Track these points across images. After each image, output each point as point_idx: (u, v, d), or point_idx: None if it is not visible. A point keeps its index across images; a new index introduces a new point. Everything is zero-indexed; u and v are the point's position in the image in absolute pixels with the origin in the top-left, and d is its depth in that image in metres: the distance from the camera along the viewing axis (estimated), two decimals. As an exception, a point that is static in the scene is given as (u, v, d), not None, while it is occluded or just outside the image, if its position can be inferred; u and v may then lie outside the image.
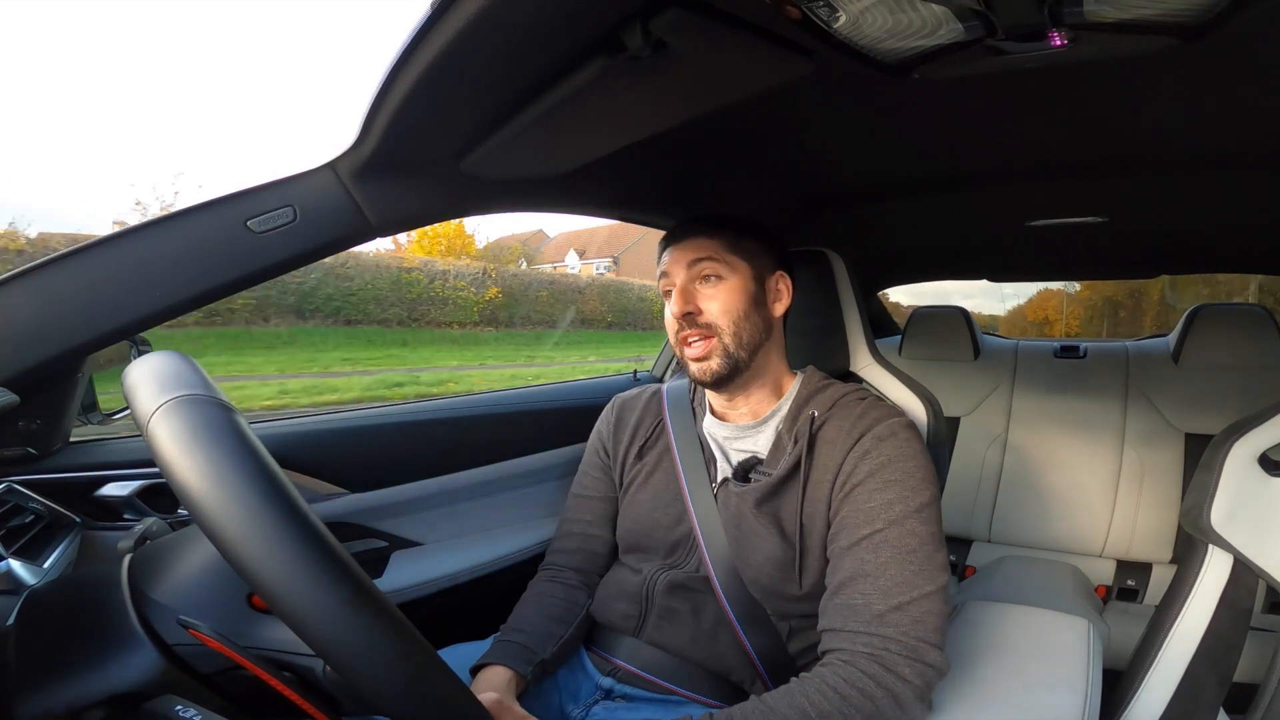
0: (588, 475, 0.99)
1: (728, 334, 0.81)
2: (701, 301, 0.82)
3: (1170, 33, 0.55)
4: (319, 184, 0.78)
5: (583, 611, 0.90)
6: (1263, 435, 0.82)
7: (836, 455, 0.77)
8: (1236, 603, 0.81)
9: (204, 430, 0.42)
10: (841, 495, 0.75)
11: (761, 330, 0.84)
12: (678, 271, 0.83)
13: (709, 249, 0.83)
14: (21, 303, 0.69)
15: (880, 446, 0.75)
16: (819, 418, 0.80)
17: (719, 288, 0.82)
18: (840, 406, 0.81)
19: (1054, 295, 14.92)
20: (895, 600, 0.67)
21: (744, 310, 0.82)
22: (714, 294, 0.82)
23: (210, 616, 0.59)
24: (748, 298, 0.83)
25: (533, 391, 1.56)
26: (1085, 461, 1.78)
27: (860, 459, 0.75)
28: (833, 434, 0.78)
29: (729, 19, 0.53)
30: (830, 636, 0.70)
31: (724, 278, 0.82)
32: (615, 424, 0.98)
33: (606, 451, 0.98)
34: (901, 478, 0.73)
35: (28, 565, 0.74)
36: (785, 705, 0.64)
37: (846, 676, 0.64)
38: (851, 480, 0.75)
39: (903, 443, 0.76)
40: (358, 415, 1.27)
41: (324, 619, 0.40)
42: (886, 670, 0.64)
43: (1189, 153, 0.94)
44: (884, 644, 0.66)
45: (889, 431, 0.76)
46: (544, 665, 0.81)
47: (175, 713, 0.54)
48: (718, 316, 0.81)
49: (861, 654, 0.66)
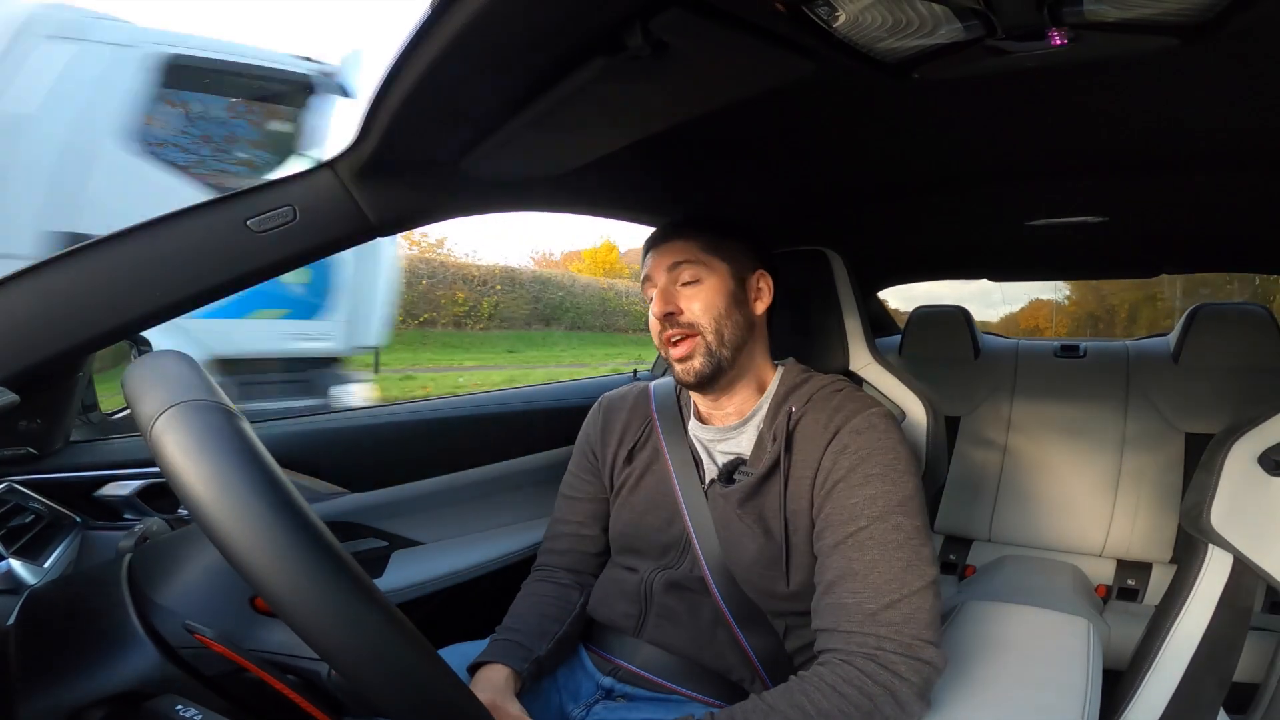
0: (575, 477, 0.99)
1: (710, 332, 0.82)
2: (682, 302, 0.83)
3: (1170, 33, 0.55)
4: (319, 184, 0.78)
5: (576, 609, 0.90)
6: (1263, 435, 0.82)
7: (814, 451, 0.77)
8: (1236, 603, 0.81)
9: (209, 438, 0.42)
10: (823, 493, 0.75)
11: (744, 328, 0.84)
12: (658, 274, 0.85)
13: (688, 251, 0.84)
14: (21, 303, 0.69)
15: (857, 440, 0.75)
16: (796, 413, 0.80)
17: (699, 288, 0.83)
18: (816, 400, 0.81)
19: (1045, 305, 15.57)
20: (887, 598, 0.67)
21: (724, 308, 0.83)
22: (694, 294, 0.83)
23: (214, 619, 0.59)
24: (728, 297, 0.84)
25: (533, 391, 1.57)
26: (1085, 461, 1.78)
27: (839, 454, 0.75)
28: (810, 428, 0.79)
29: (729, 19, 0.52)
30: (825, 636, 0.70)
31: (703, 279, 0.83)
32: (603, 427, 0.97)
33: (595, 454, 0.97)
34: (882, 471, 0.73)
35: (28, 565, 0.74)
36: (785, 704, 0.64)
37: (845, 675, 0.64)
38: (832, 477, 0.74)
39: (880, 434, 0.75)
40: (358, 415, 1.28)
41: (330, 626, 0.40)
42: (884, 669, 0.64)
43: (1189, 153, 0.94)
44: (879, 643, 0.65)
45: (865, 424, 0.76)
46: (540, 663, 0.82)
47: (176, 712, 0.54)
48: (699, 315, 0.82)
49: (858, 653, 0.66)
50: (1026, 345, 2.03)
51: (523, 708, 0.75)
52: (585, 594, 0.93)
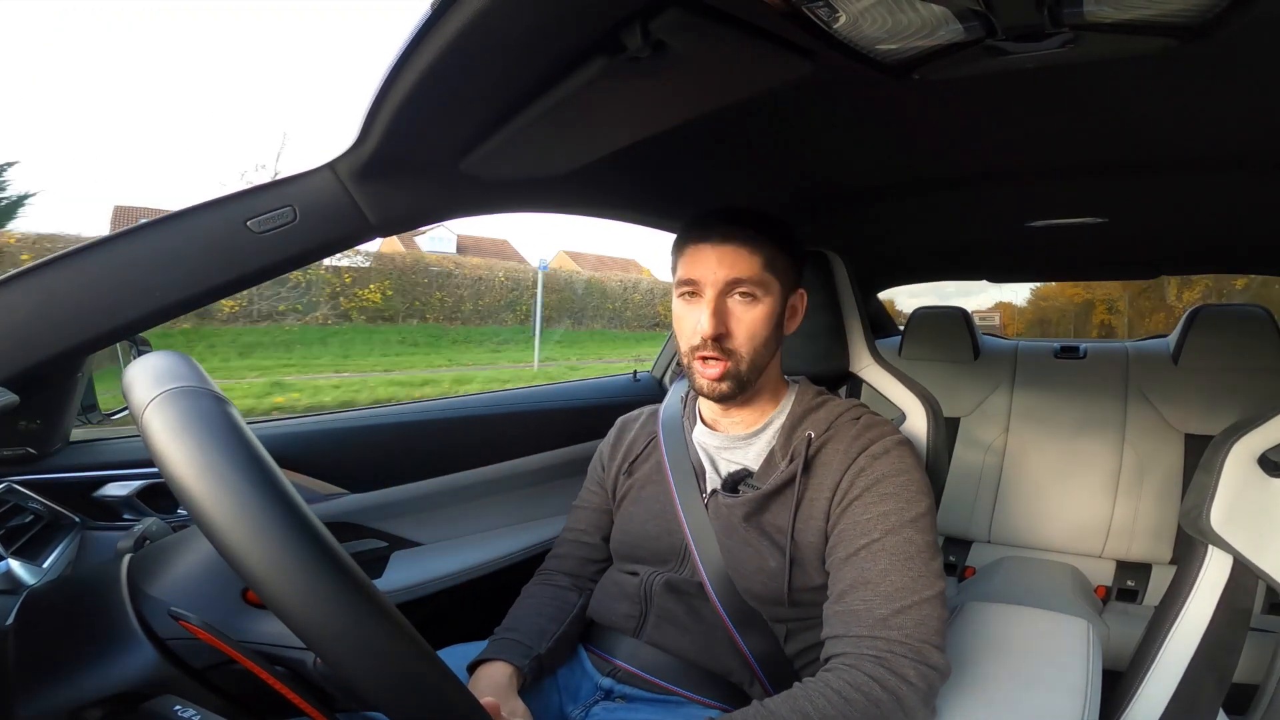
0: (586, 489, 1.01)
1: (745, 361, 0.80)
2: (731, 322, 0.79)
3: (1170, 33, 0.55)
4: (319, 184, 0.78)
5: (575, 610, 0.90)
6: (1263, 436, 0.82)
7: (833, 474, 0.78)
8: (1236, 603, 0.81)
9: (195, 419, 0.42)
10: (839, 510, 0.76)
11: (772, 349, 0.83)
12: (710, 282, 0.78)
13: (751, 267, 0.78)
14: (21, 303, 0.69)
15: (876, 463, 0.77)
16: (816, 439, 0.80)
17: (752, 309, 0.79)
18: (837, 428, 0.81)
19: (1007, 306, 16.24)
20: (897, 604, 0.68)
21: (765, 337, 0.81)
22: (743, 315, 0.79)
23: (204, 611, 0.59)
24: (773, 323, 0.81)
25: (532, 392, 1.57)
26: (1085, 462, 1.78)
27: (857, 475, 0.76)
28: (830, 455, 0.79)
29: (729, 19, 0.52)
30: (834, 643, 0.70)
31: (759, 300, 0.79)
32: (614, 441, 1.00)
33: (603, 467, 0.99)
34: (897, 490, 0.75)
35: (27, 565, 0.74)
36: (787, 709, 0.64)
37: (850, 680, 0.64)
38: (849, 496, 0.76)
39: (896, 459, 0.77)
40: (358, 415, 1.27)
41: (311, 605, 0.39)
42: (891, 673, 0.64)
43: (1189, 153, 0.94)
44: (888, 646, 0.66)
45: (883, 449, 0.78)
46: (541, 661, 0.82)
47: (174, 713, 0.54)
48: (742, 342, 0.79)
49: (866, 656, 0.66)
50: (1026, 346, 2.03)
51: (525, 707, 0.75)
52: (584, 597, 0.93)
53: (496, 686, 0.76)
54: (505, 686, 0.77)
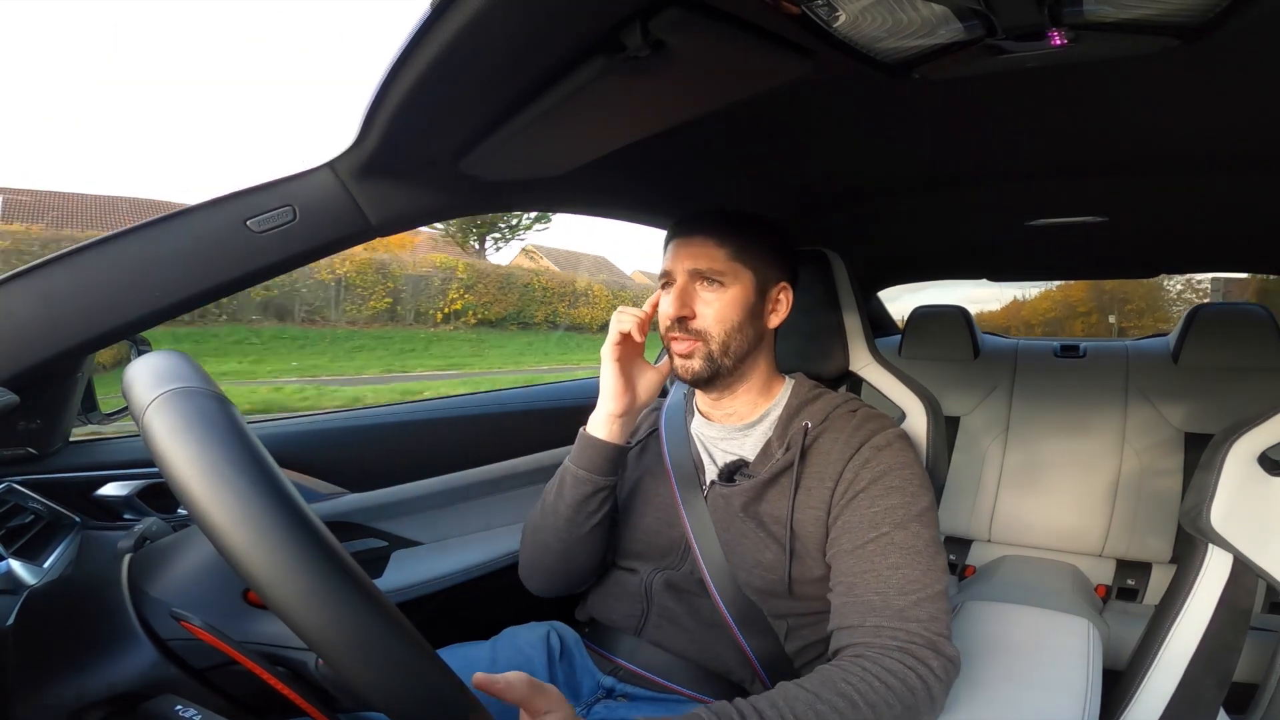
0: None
1: (715, 342, 0.81)
2: (697, 305, 0.82)
3: (1170, 33, 0.55)
4: (319, 183, 0.78)
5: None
6: (1262, 435, 0.82)
7: (835, 464, 0.78)
8: (1236, 603, 0.81)
9: (197, 419, 0.42)
10: (844, 502, 0.76)
11: (752, 341, 0.84)
12: (679, 273, 0.83)
13: (714, 258, 0.81)
14: (21, 302, 0.69)
15: (879, 456, 0.78)
16: (813, 429, 0.81)
17: (718, 294, 0.82)
18: (835, 419, 0.83)
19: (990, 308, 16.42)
20: (913, 596, 0.69)
21: (738, 322, 0.82)
22: (711, 299, 0.82)
23: (205, 611, 0.59)
24: (745, 310, 0.83)
25: (532, 391, 1.57)
26: (1085, 461, 1.78)
27: (861, 467, 0.77)
28: (828, 444, 0.80)
29: (728, 19, 0.52)
30: (848, 633, 0.70)
31: (726, 285, 0.82)
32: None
33: None
34: (901, 484, 0.76)
35: (28, 565, 0.73)
36: (831, 693, 0.62)
37: (887, 667, 0.65)
38: (854, 487, 0.76)
39: (898, 452, 0.78)
40: (358, 415, 1.27)
41: (312, 605, 0.39)
42: (919, 663, 0.65)
43: (1189, 153, 0.94)
44: (909, 638, 0.67)
45: (886, 442, 0.79)
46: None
47: (175, 713, 0.54)
48: (710, 324, 0.81)
49: (891, 647, 0.67)
50: (1026, 345, 2.03)
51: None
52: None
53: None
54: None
